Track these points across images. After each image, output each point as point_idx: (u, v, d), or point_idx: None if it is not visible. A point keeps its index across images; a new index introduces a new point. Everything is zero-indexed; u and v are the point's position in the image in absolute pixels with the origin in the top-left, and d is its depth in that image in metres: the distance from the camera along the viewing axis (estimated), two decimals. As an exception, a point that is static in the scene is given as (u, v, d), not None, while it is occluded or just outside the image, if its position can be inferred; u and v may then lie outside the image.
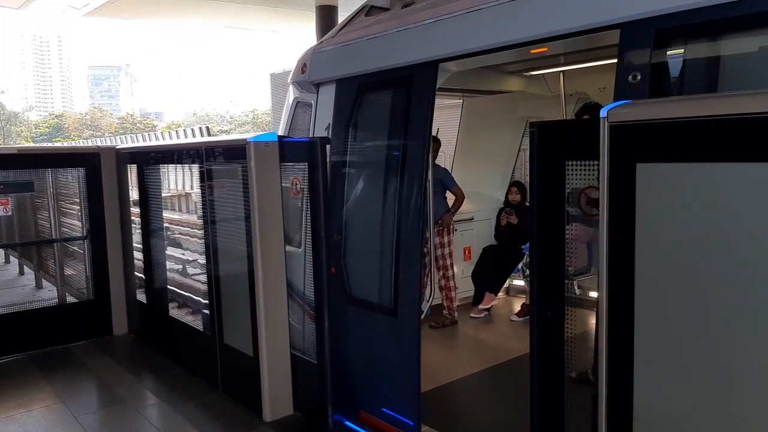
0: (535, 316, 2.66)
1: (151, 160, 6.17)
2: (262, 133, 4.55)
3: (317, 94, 4.83)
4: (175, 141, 13.79)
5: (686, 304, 2.02)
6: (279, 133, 4.81)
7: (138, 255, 6.63)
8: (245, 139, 4.42)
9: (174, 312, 6.30)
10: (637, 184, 2.10)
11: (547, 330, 2.61)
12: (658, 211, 2.07)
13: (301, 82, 5.02)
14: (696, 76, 2.63)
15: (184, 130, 22.47)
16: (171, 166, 6.19)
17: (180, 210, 7.59)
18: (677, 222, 2.02)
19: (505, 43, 3.25)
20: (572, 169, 2.47)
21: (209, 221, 5.07)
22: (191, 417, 4.73)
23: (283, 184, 4.50)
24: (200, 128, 19.55)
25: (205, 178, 5.04)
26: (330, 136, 4.50)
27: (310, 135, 4.83)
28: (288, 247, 4.55)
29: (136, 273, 6.70)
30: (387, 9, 4.58)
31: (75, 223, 6.99)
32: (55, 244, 7.21)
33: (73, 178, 6.77)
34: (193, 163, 5.32)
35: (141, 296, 6.60)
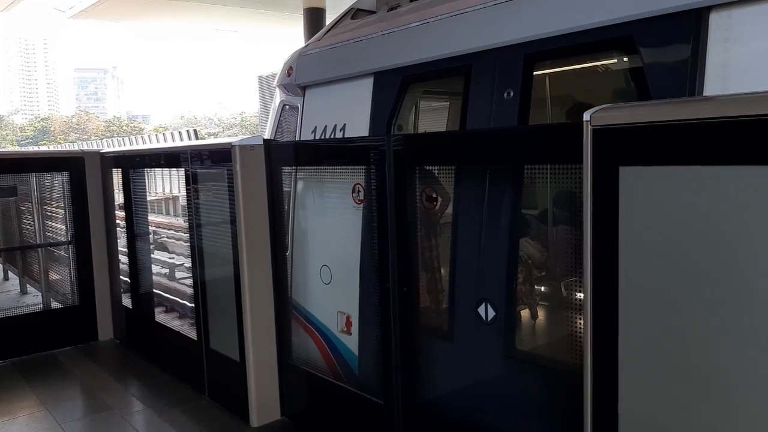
0: None
1: (136, 163, 6.13)
2: (249, 135, 4.52)
3: (304, 96, 4.83)
4: (161, 144, 13.73)
5: (670, 306, 2.03)
6: (265, 137, 4.79)
7: (123, 260, 6.58)
8: (230, 143, 4.39)
9: (160, 317, 6.25)
10: (620, 187, 2.11)
11: None
12: (641, 213, 2.08)
13: (287, 85, 5.06)
14: None
15: (171, 133, 22.37)
16: (156, 170, 6.15)
17: (166, 214, 7.55)
18: (660, 224, 2.03)
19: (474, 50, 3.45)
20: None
21: (195, 225, 5.04)
22: (177, 423, 4.69)
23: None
24: (188, 131, 19.48)
25: (191, 181, 5.01)
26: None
27: (297, 138, 4.82)
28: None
29: (121, 278, 6.64)
30: (373, 12, 4.58)
31: (60, 228, 6.93)
32: (39, 249, 7.14)
33: (57, 182, 6.72)
34: (179, 166, 5.29)
35: (126, 301, 6.53)
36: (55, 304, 6.84)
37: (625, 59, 3.03)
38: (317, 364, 4.36)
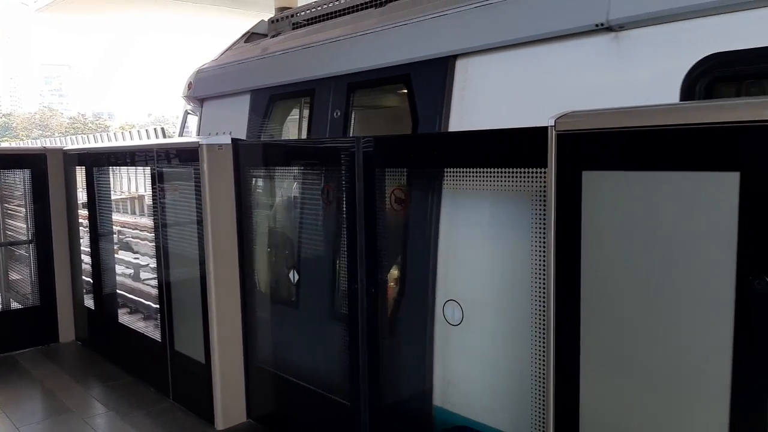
0: None
1: (100, 161, 6.02)
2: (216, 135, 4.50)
3: (201, 107, 5.64)
4: (126, 142, 13.50)
5: (630, 308, 2.08)
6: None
7: (86, 259, 6.45)
8: (198, 141, 4.35)
9: (123, 318, 6.14)
10: (583, 192, 2.15)
11: None
12: (603, 217, 2.13)
13: (189, 97, 5.86)
14: None
15: (138, 131, 21.99)
16: (121, 168, 6.05)
17: (131, 213, 7.43)
18: (622, 227, 2.08)
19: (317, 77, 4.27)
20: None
21: (160, 225, 4.97)
22: (141, 426, 4.61)
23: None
24: (155, 129, 19.17)
25: (156, 180, 4.94)
26: None
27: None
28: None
29: (84, 278, 6.51)
30: (266, 36, 5.32)
31: (20, 226, 6.77)
32: (-1, 248, 6.96)
33: (18, 180, 6.57)
34: (145, 165, 5.21)
35: (89, 302, 6.41)
36: (14, 305, 6.67)
37: (405, 91, 3.78)
38: (284, 366, 4.33)
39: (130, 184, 6.71)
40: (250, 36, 5.44)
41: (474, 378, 2.98)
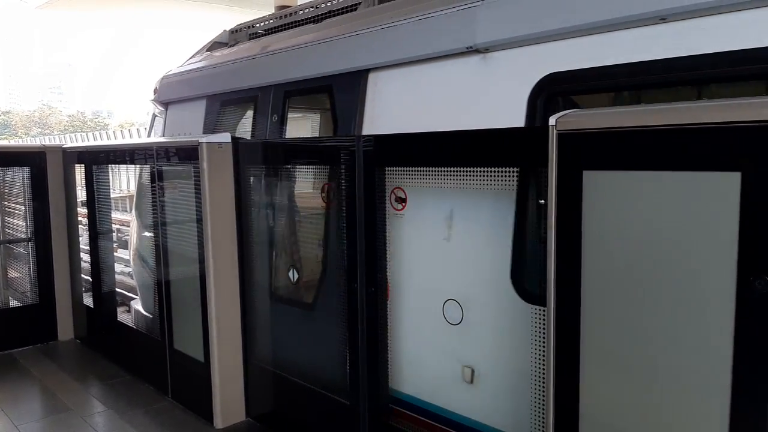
0: None
1: (99, 159, 6.01)
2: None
3: (166, 111, 6.12)
4: (126, 141, 13.49)
5: (631, 308, 2.08)
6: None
7: (85, 258, 6.44)
8: (198, 140, 4.34)
9: (122, 316, 6.14)
10: (584, 191, 2.15)
11: None
12: (604, 216, 2.13)
13: (155, 101, 6.31)
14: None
15: (137, 129, 21.94)
16: (120, 167, 6.05)
17: (130, 212, 7.41)
18: (623, 227, 2.08)
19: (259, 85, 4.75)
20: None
21: (159, 223, 4.96)
22: (139, 425, 4.61)
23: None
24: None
25: (156, 179, 4.93)
26: None
27: None
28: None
29: (83, 276, 6.50)
30: (226, 44, 5.79)
31: (19, 224, 6.75)
32: (-3, 245, 6.94)
33: (18, 178, 6.56)
34: (144, 163, 5.20)
35: (88, 300, 6.40)
36: (13, 303, 6.65)
37: (328, 99, 4.23)
38: (283, 365, 4.33)
39: (129, 182, 6.72)
40: (213, 45, 5.94)
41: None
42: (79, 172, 6.28)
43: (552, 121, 2.22)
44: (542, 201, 2.58)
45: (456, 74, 3.30)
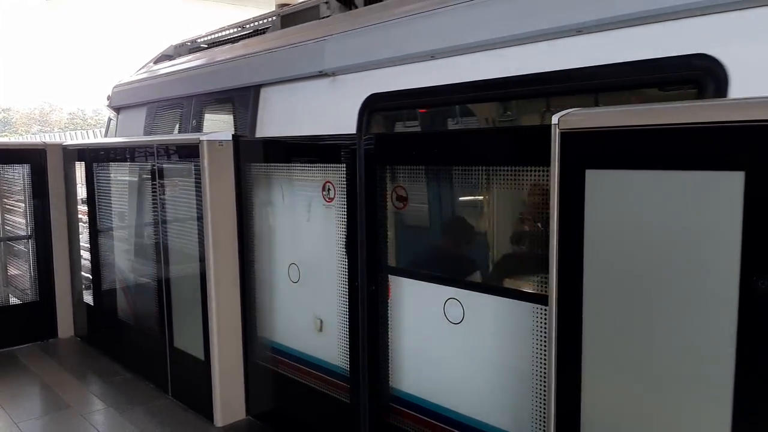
0: None
1: (99, 157, 6.01)
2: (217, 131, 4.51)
3: (118, 116, 6.89)
4: (126, 138, 13.45)
5: (633, 308, 2.07)
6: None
7: (85, 255, 6.43)
8: (198, 138, 4.33)
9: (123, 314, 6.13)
10: (586, 190, 2.14)
11: None
12: (606, 216, 2.11)
13: (109, 107, 7.12)
14: None
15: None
16: (121, 164, 6.04)
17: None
18: (625, 227, 2.07)
19: (185, 95, 5.51)
20: None
21: (160, 221, 4.95)
22: (139, 423, 4.60)
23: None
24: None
25: (156, 177, 4.93)
26: None
27: None
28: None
29: (83, 274, 6.49)
30: (171, 57, 6.50)
31: (20, 222, 6.75)
32: (-3, 243, 6.94)
33: (18, 175, 6.56)
34: (144, 161, 5.20)
35: (88, 298, 6.40)
36: (13, 300, 6.65)
37: (231, 109, 4.95)
38: (284, 364, 4.33)
39: (130, 179, 6.70)
40: (160, 57, 6.67)
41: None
42: (80, 169, 6.28)
43: (555, 119, 2.21)
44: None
45: (314, 92, 4.10)
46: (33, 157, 6.38)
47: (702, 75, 2.31)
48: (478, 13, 2.98)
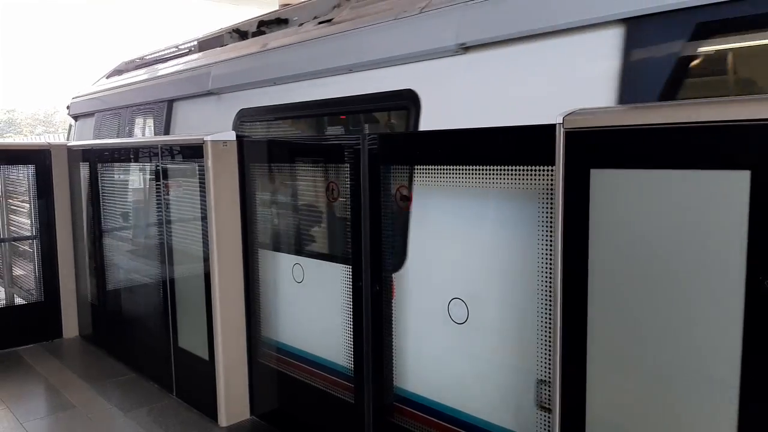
0: None
1: (104, 158, 6.02)
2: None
3: (76, 122, 8.04)
4: (130, 138, 13.47)
5: (638, 308, 2.06)
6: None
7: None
8: (202, 138, 4.34)
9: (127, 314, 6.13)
10: (591, 190, 2.13)
11: None
12: (611, 215, 2.11)
13: (69, 114, 8.19)
14: None
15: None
16: (125, 165, 6.05)
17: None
18: (630, 226, 2.06)
19: (155, 101, 6.23)
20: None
21: (164, 221, 4.96)
22: (144, 422, 4.61)
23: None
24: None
25: (161, 177, 4.93)
26: None
27: None
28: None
29: (87, 274, 6.51)
30: (123, 71, 7.50)
31: (24, 222, 6.77)
32: (3, 243, 6.95)
33: (23, 176, 6.58)
34: (149, 161, 5.20)
35: (93, 298, 6.41)
36: (18, 300, 6.68)
37: (155, 118, 6.14)
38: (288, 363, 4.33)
39: (135, 180, 6.70)
40: (112, 72, 7.65)
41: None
42: (84, 169, 6.29)
43: (559, 119, 2.20)
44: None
45: (206, 105, 5.31)
46: (38, 157, 6.40)
47: (409, 102, 3.42)
48: (304, 53, 4.19)
